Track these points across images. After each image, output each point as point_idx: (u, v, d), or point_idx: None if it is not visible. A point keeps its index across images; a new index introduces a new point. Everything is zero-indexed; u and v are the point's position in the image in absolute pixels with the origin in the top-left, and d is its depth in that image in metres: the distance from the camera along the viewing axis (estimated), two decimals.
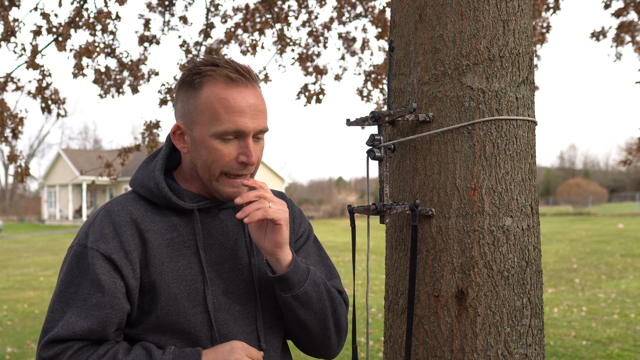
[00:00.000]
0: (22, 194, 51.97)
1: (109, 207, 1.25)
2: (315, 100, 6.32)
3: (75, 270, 1.19)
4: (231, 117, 1.17)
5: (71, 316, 1.15)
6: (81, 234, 1.23)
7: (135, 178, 1.29)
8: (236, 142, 1.19)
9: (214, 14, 6.17)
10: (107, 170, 6.06)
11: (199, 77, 1.20)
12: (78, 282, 1.17)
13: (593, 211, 33.89)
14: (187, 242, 1.24)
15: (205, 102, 1.18)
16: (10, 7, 4.84)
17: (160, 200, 1.24)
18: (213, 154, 1.19)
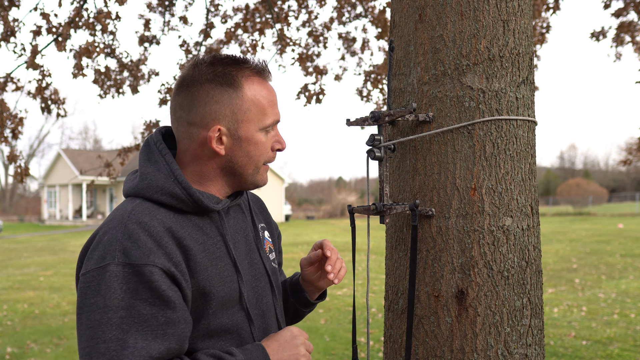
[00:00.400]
0: (22, 194, 51.99)
1: (135, 218, 1.13)
2: (315, 100, 6.32)
3: (123, 292, 1.06)
4: (273, 110, 1.24)
5: (137, 341, 1.04)
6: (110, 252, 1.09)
7: (148, 185, 1.19)
8: (270, 132, 1.26)
9: (214, 14, 6.17)
10: (107, 170, 6.06)
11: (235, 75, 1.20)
12: (131, 305, 1.05)
13: (593, 211, 33.89)
14: (217, 243, 1.23)
15: (252, 99, 1.21)
16: (10, 7, 4.84)
17: (187, 205, 1.18)
18: (260, 148, 1.23)
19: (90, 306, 1.07)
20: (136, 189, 1.20)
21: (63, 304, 8.64)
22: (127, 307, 1.05)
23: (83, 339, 1.07)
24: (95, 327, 1.05)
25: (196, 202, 1.18)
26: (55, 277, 11.72)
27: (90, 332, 1.05)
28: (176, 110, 1.24)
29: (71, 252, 16.82)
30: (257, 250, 1.34)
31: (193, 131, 1.21)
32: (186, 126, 1.22)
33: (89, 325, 1.06)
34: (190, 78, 1.21)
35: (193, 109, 1.20)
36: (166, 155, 1.22)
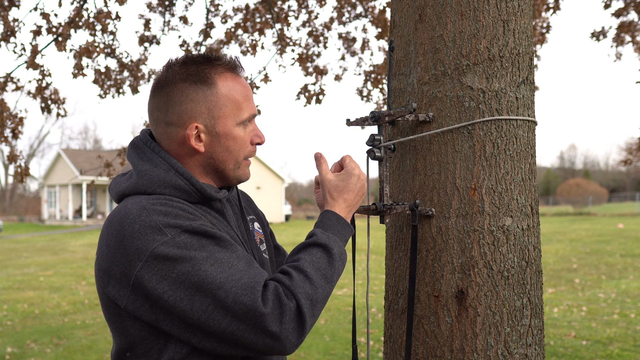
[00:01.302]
0: (22, 194, 51.98)
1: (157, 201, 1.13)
2: (315, 100, 6.32)
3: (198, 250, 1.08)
4: (248, 104, 1.25)
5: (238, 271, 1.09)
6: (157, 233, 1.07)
7: (149, 181, 1.18)
8: (249, 127, 1.27)
9: (214, 14, 6.17)
10: (107, 170, 6.06)
11: (207, 73, 1.21)
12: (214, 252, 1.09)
13: (593, 211, 33.89)
14: (225, 227, 1.25)
15: (226, 95, 1.22)
16: (10, 7, 4.84)
17: (192, 196, 1.20)
18: (239, 142, 1.24)
19: (177, 279, 1.06)
20: (136, 187, 1.18)
21: (63, 304, 8.64)
22: (210, 256, 1.07)
23: (195, 308, 1.05)
24: (202, 286, 1.05)
25: (199, 190, 1.20)
26: (55, 277, 11.72)
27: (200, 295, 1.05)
28: (153, 112, 1.24)
29: (71, 252, 16.81)
30: (249, 241, 1.36)
31: (171, 131, 1.21)
32: (164, 127, 1.22)
33: (192, 292, 1.05)
34: (164, 79, 1.22)
35: (169, 109, 1.21)
36: (160, 152, 1.22)
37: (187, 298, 1.05)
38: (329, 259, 1.17)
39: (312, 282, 1.12)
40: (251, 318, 1.05)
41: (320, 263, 1.16)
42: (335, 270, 1.18)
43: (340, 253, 1.20)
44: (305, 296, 1.09)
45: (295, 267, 1.14)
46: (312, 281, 1.12)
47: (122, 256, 1.08)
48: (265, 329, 1.06)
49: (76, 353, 5.83)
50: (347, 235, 1.27)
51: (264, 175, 34.84)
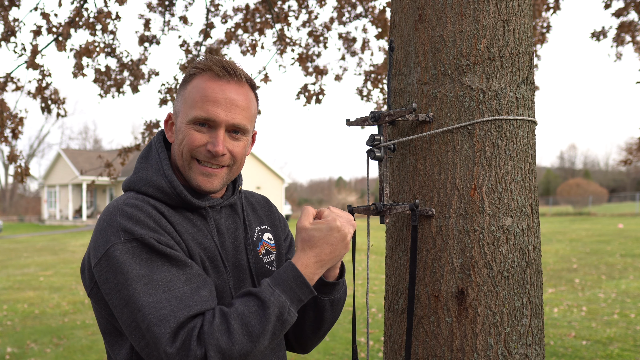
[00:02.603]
0: (22, 194, 51.97)
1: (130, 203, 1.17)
2: (315, 100, 6.32)
3: (138, 264, 1.10)
4: (204, 105, 1.20)
5: (170, 300, 1.08)
6: (113, 234, 1.12)
7: (139, 179, 1.24)
8: (208, 132, 1.22)
9: (214, 14, 6.17)
10: (107, 170, 6.06)
11: (191, 72, 1.26)
12: (150, 272, 1.10)
13: (593, 211, 33.88)
14: (205, 235, 1.25)
15: (189, 92, 1.23)
16: (10, 7, 4.84)
17: (173, 199, 1.22)
18: (187, 139, 1.22)
19: (115, 287, 1.10)
20: (129, 183, 1.26)
21: (63, 304, 8.64)
22: (147, 275, 1.08)
23: (124, 318, 1.10)
24: (129, 302, 1.08)
25: (180, 195, 1.21)
26: (55, 277, 11.72)
27: (127, 309, 1.09)
28: None
29: (71, 252, 16.81)
30: (245, 252, 1.33)
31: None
32: None
33: (122, 303, 1.09)
34: None
35: None
36: (161, 152, 1.27)
37: (120, 307, 1.10)
38: (262, 315, 1.09)
39: (231, 336, 1.06)
40: (156, 350, 1.06)
41: (250, 318, 1.08)
42: (266, 330, 1.09)
43: (278, 313, 1.10)
44: (216, 349, 1.05)
45: (222, 314, 1.09)
46: (231, 335, 1.06)
47: (92, 249, 1.17)
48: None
49: (76, 353, 5.83)
50: (303, 295, 1.14)
51: (264, 175, 34.83)
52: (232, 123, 1.22)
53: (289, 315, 1.12)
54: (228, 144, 1.23)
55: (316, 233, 1.17)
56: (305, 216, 1.21)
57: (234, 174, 1.29)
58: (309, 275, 1.15)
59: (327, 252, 1.17)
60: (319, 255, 1.17)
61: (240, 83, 1.24)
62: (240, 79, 1.24)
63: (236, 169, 1.29)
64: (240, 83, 1.24)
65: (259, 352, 1.10)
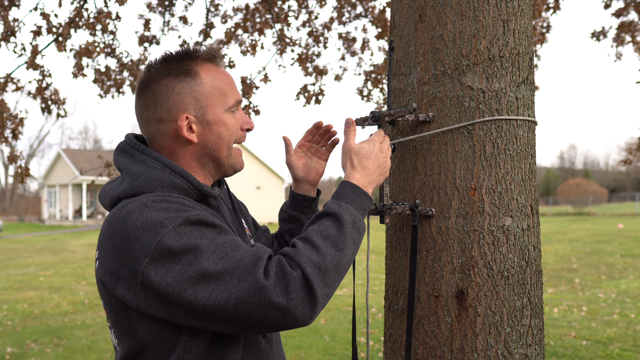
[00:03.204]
0: (22, 194, 51.98)
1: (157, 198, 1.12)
2: (315, 100, 6.32)
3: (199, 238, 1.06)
4: (232, 90, 1.26)
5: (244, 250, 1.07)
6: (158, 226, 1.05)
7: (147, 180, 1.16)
8: (237, 113, 1.28)
9: (214, 14, 6.17)
10: (107, 170, 6.06)
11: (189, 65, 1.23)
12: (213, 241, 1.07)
13: (593, 211, 33.87)
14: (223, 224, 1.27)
15: (211, 83, 1.23)
16: (10, 7, 4.84)
17: (189, 193, 1.19)
18: (230, 128, 1.25)
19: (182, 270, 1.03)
20: (132, 189, 1.15)
21: (63, 304, 8.64)
22: (211, 243, 1.05)
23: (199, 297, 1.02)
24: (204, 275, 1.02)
25: (197, 188, 1.20)
26: (55, 277, 11.72)
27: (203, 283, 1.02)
28: (142, 112, 1.24)
29: (71, 252, 16.81)
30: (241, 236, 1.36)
31: (163, 127, 1.21)
32: (155, 125, 1.22)
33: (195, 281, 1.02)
34: (147, 79, 1.22)
35: (158, 106, 1.21)
36: (150, 153, 1.20)
37: (191, 288, 1.02)
38: (338, 226, 1.12)
39: (319, 250, 1.07)
40: (254, 294, 1.01)
41: (329, 231, 1.11)
42: (347, 237, 1.11)
43: (352, 220, 1.14)
44: (310, 264, 1.04)
45: (301, 238, 1.10)
46: (319, 249, 1.07)
47: (129, 255, 1.06)
48: (270, 301, 1.01)
49: (76, 353, 5.83)
50: (365, 204, 1.21)
51: (264, 175, 34.82)
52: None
53: (360, 222, 1.17)
54: None
55: (364, 148, 1.27)
56: (351, 137, 1.31)
57: None
58: (364, 187, 1.24)
59: (372, 167, 1.27)
60: (365, 169, 1.26)
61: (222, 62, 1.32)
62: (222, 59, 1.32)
63: None
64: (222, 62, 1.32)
65: (347, 263, 1.11)
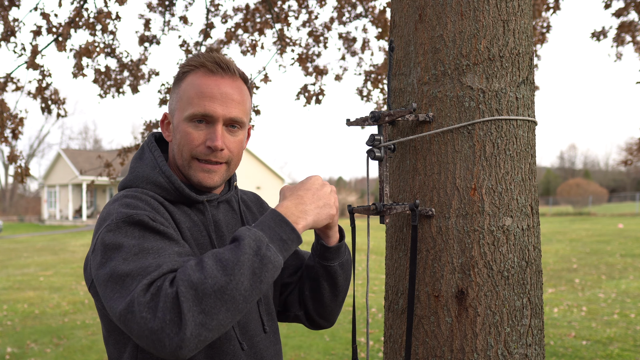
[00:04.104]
0: (22, 194, 51.98)
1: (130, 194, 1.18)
2: (315, 100, 6.32)
3: (129, 238, 1.07)
4: (201, 101, 1.21)
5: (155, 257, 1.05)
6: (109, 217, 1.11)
7: (135, 177, 1.26)
8: (206, 128, 1.23)
9: (214, 14, 6.17)
10: (107, 170, 6.06)
11: (184, 70, 1.27)
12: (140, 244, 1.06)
13: (593, 211, 33.88)
14: (201, 232, 1.26)
15: (184, 89, 1.25)
16: (10, 7, 4.84)
17: (171, 194, 1.24)
18: (184, 138, 1.23)
19: (101, 263, 1.06)
20: (125, 182, 1.27)
21: (63, 304, 8.63)
22: (138, 244, 1.06)
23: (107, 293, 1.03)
24: (113, 273, 1.03)
25: (178, 190, 1.23)
26: (55, 277, 11.72)
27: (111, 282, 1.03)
28: None
29: (71, 252, 16.81)
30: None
31: None
32: None
33: (106, 277, 1.04)
34: None
35: None
36: (154, 151, 1.28)
37: (104, 284, 1.04)
38: (235, 250, 1.01)
39: (203, 271, 0.98)
40: (130, 306, 0.97)
41: (224, 254, 1.01)
42: (241, 262, 0.99)
43: (255, 247, 1.02)
44: (187, 284, 0.96)
45: (198, 258, 1.04)
46: (204, 270, 0.98)
47: (94, 236, 1.17)
48: (138, 316, 0.96)
49: (76, 353, 5.83)
50: (284, 234, 1.08)
51: (264, 175, 34.83)
52: (229, 117, 1.23)
53: (267, 250, 1.03)
54: (226, 139, 1.24)
55: (299, 185, 1.21)
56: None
57: (233, 169, 1.31)
58: (290, 217, 1.12)
59: (309, 197, 1.17)
60: (300, 199, 1.16)
61: (234, 77, 1.26)
62: (234, 74, 1.26)
63: (235, 164, 1.30)
64: (234, 77, 1.26)
65: (238, 292, 0.98)
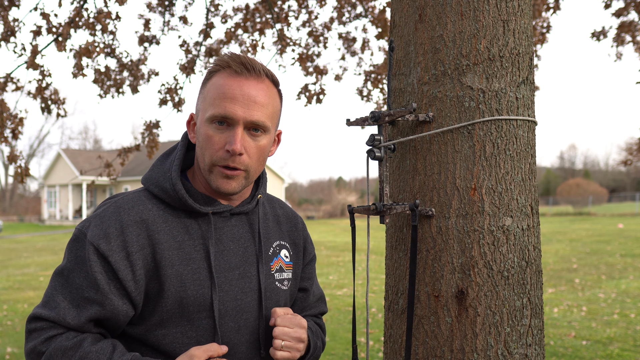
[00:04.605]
0: (22, 194, 51.97)
1: (120, 203, 1.20)
2: (316, 100, 6.32)
3: (74, 257, 1.17)
4: (221, 103, 1.17)
5: (64, 301, 1.15)
6: (86, 221, 1.21)
7: (150, 176, 1.26)
8: (227, 131, 1.19)
9: (214, 14, 6.17)
10: (107, 170, 6.06)
11: (210, 71, 1.24)
12: (75, 270, 1.16)
13: (593, 211, 33.88)
14: (197, 246, 1.22)
15: (208, 90, 1.21)
16: (10, 7, 4.84)
17: (174, 201, 1.22)
18: (205, 141, 1.20)
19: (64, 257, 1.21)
20: (142, 179, 1.28)
21: None
22: (73, 270, 1.16)
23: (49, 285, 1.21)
24: (56, 273, 1.19)
25: (180, 199, 1.21)
26: None
27: (54, 275, 1.20)
28: None
29: None
30: (256, 264, 1.29)
31: None
32: None
33: (52, 279, 1.20)
34: None
35: None
36: (177, 152, 1.27)
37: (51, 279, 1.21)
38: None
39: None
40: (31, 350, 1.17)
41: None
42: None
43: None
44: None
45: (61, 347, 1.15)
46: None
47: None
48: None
49: None
50: None
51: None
52: (250, 120, 1.18)
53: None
54: (246, 143, 1.19)
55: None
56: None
57: (254, 177, 1.25)
58: None
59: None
60: None
61: (260, 79, 1.20)
62: (260, 75, 1.20)
63: (255, 171, 1.24)
64: (260, 79, 1.20)
65: None
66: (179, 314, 1.19)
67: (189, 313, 1.20)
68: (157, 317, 1.19)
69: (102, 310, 1.15)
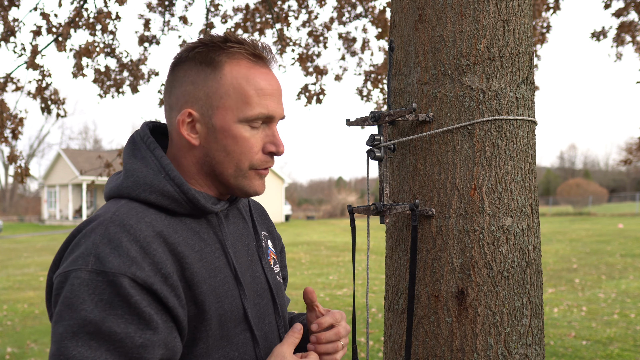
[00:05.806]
0: (22, 194, 51.98)
1: (119, 220, 0.95)
2: (316, 100, 6.32)
3: (95, 304, 0.88)
4: (262, 101, 1.03)
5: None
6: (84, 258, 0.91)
7: (136, 182, 1.01)
8: (262, 130, 1.05)
9: (214, 14, 6.17)
10: (107, 170, 6.06)
11: (217, 54, 1.03)
12: (108, 318, 0.88)
13: (593, 211, 33.89)
14: (215, 251, 1.06)
15: (231, 83, 1.02)
16: (10, 7, 4.84)
17: (181, 205, 1.02)
18: (241, 145, 1.03)
19: (57, 316, 0.90)
20: (120, 189, 1.03)
21: None
22: (98, 321, 0.87)
23: (50, 353, 0.89)
24: (60, 341, 0.87)
25: (191, 201, 1.02)
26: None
27: (56, 347, 0.87)
28: (164, 95, 1.09)
29: None
30: (260, 261, 1.18)
31: (172, 117, 1.06)
32: (168, 112, 1.07)
33: (55, 339, 0.89)
34: (177, 58, 1.07)
35: (172, 91, 1.06)
36: (155, 149, 1.04)
37: (52, 340, 0.90)
38: None
39: None
40: None
41: None
42: None
43: None
44: None
45: None
46: None
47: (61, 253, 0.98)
48: None
49: None
50: None
51: None
52: (283, 115, 1.07)
53: None
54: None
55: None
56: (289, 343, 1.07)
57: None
58: None
59: None
60: None
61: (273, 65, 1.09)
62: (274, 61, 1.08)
63: None
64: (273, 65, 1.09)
65: None
66: (219, 335, 1.03)
67: (228, 330, 1.04)
68: (202, 346, 1.01)
69: (166, 353, 0.93)
